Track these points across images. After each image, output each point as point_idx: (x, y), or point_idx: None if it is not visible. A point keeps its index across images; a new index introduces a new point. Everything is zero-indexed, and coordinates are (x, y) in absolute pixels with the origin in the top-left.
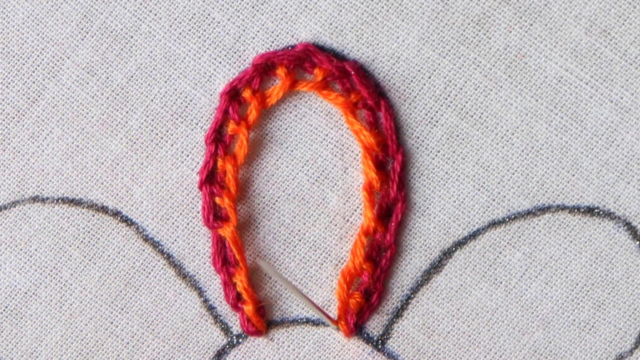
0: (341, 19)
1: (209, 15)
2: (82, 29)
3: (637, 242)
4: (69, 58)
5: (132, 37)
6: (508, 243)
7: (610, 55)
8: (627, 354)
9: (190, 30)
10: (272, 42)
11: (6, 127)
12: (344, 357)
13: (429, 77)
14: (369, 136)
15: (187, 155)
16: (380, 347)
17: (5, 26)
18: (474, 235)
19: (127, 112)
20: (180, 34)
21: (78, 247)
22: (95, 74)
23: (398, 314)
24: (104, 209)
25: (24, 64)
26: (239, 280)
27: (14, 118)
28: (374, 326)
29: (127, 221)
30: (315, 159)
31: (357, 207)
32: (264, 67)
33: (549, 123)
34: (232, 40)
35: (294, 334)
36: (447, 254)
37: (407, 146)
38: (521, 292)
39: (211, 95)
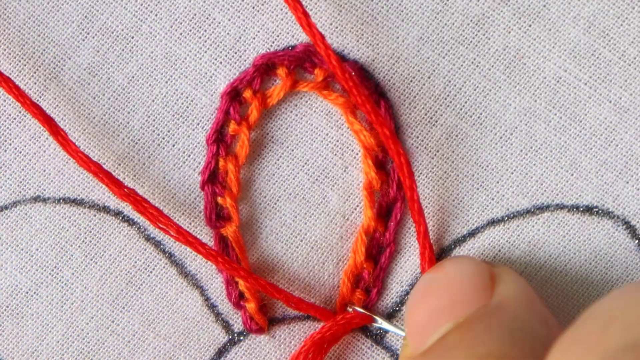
0: (341, 19)
1: (209, 15)
2: (83, 29)
3: (636, 241)
4: (70, 59)
5: (133, 37)
6: (507, 242)
7: (608, 55)
8: None
9: (191, 30)
10: (273, 42)
11: (8, 127)
12: (344, 351)
13: (429, 77)
14: (369, 136)
15: (189, 156)
16: (379, 340)
17: (6, 27)
18: (472, 234)
19: (129, 113)
20: (181, 34)
21: (79, 246)
22: (97, 74)
23: (397, 309)
24: (105, 209)
25: (25, 65)
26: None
27: (15, 118)
28: None
29: (129, 221)
30: (316, 159)
31: (357, 206)
32: (265, 68)
33: (548, 123)
34: (232, 41)
35: (295, 330)
36: (446, 252)
37: (407, 146)
38: None
39: (212, 95)
